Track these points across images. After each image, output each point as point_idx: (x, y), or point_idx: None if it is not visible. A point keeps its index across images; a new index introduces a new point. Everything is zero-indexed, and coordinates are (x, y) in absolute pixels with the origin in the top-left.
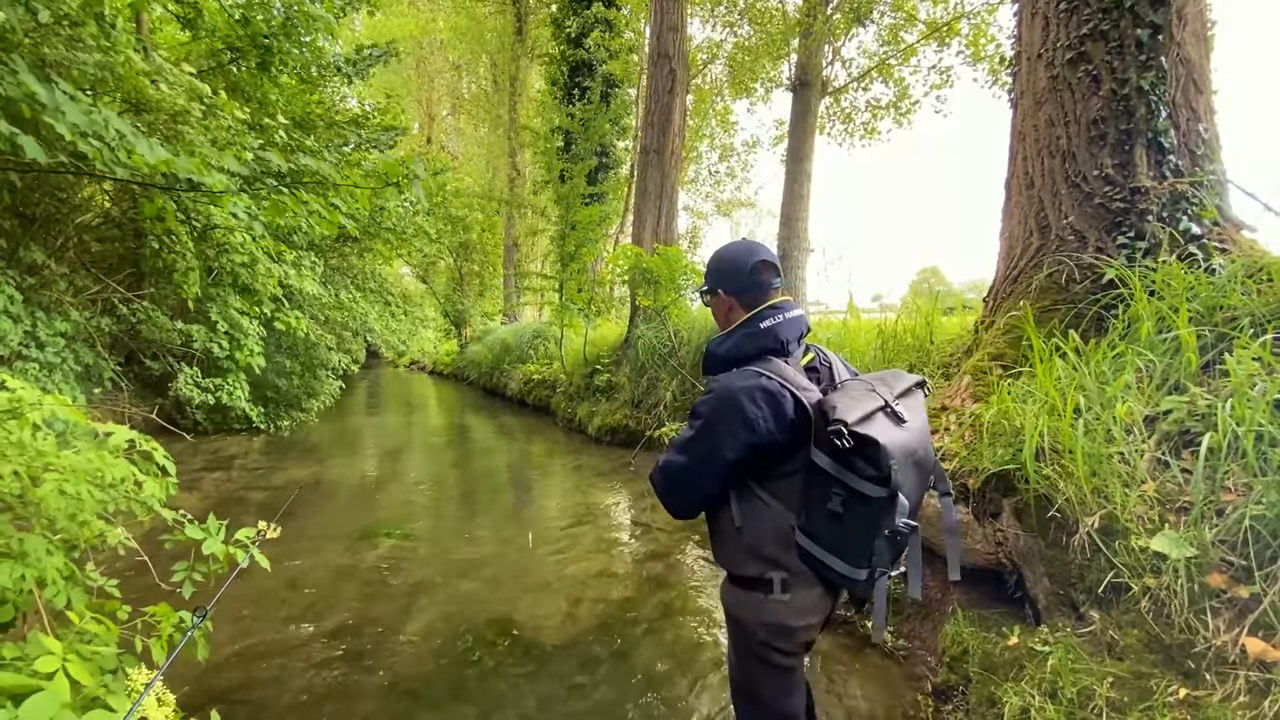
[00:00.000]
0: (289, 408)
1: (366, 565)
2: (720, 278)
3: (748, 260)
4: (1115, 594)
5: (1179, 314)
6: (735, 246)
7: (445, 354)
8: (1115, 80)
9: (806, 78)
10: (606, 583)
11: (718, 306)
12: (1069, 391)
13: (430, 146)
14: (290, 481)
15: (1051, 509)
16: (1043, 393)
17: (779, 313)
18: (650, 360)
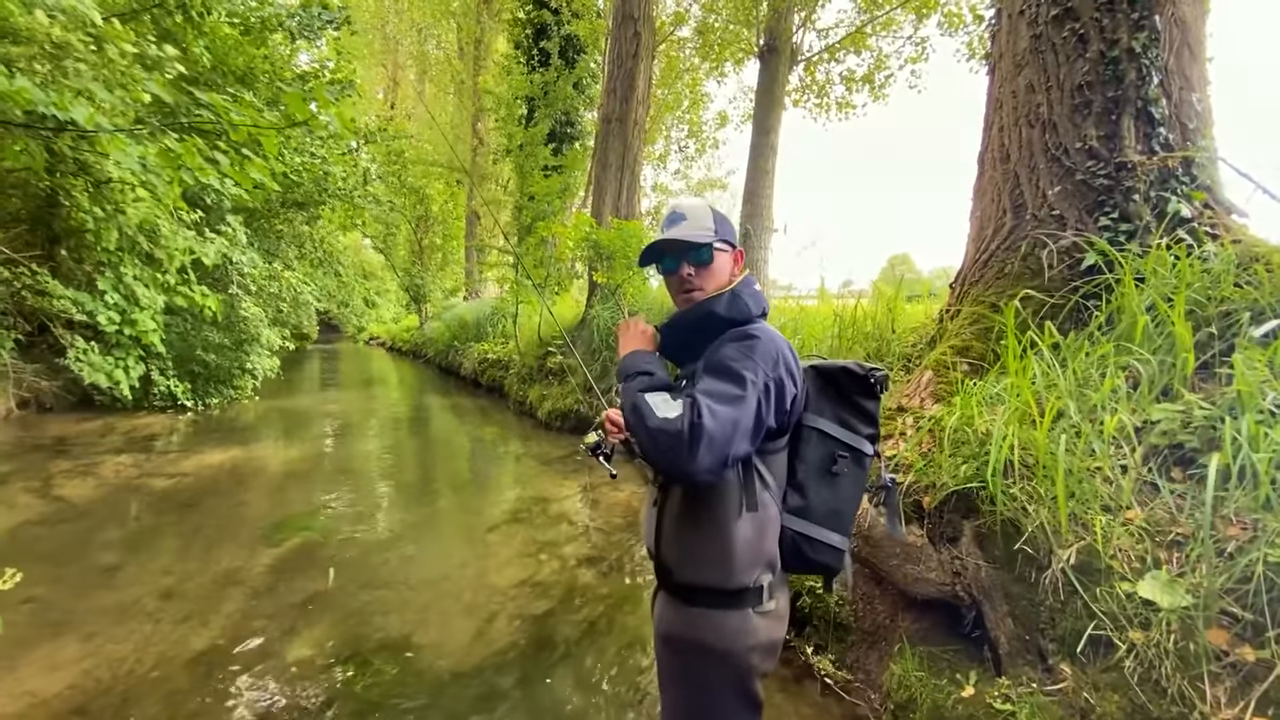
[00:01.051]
0: (219, 384)
1: (260, 570)
2: (731, 231)
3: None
4: (1093, 646)
5: (1174, 307)
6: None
7: (404, 330)
8: (1104, 41)
9: (775, 43)
10: (529, 595)
11: (724, 263)
12: (1047, 396)
13: (395, 113)
14: (204, 467)
15: (1020, 538)
16: (1015, 396)
17: (754, 281)
18: (605, 342)
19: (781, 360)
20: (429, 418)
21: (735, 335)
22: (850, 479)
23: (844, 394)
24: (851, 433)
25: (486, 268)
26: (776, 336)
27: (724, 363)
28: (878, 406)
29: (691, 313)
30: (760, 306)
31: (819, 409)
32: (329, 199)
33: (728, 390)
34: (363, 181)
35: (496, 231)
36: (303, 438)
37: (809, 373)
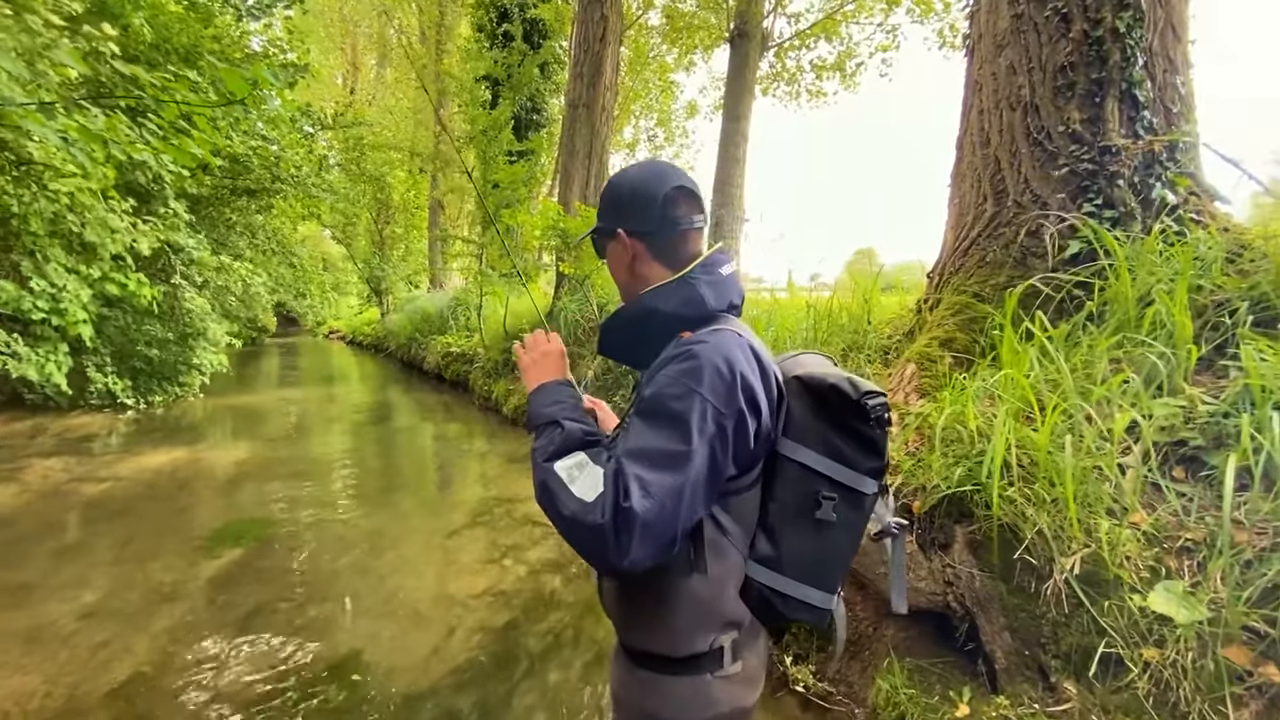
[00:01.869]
0: (163, 381)
1: (197, 584)
2: (618, 212)
3: (658, 187)
4: (1102, 664)
5: (1174, 296)
6: (640, 170)
7: (365, 323)
8: (1088, 20)
9: (745, 28)
10: (491, 605)
11: (616, 256)
12: (1046, 391)
13: (355, 99)
14: (142, 470)
15: (1019, 545)
16: (1011, 391)
17: (727, 260)
18: (573, 335)
19: (738, 382)
20: (389, 414)
21: (675, 351)
22: (841, 526)
23: (837, 416)
24: (844, 466)
25: (450, 257)
26: (729, 343)
27: (659, 402)
28: (885, 434)
29: (628, 310)
30: (724, 299)
31: (802, 433)
32: (282, 186)
33: (665, 447)
34: (318, 169)
35: (461, 220)
36: (253, 437)
37: (791, 385)
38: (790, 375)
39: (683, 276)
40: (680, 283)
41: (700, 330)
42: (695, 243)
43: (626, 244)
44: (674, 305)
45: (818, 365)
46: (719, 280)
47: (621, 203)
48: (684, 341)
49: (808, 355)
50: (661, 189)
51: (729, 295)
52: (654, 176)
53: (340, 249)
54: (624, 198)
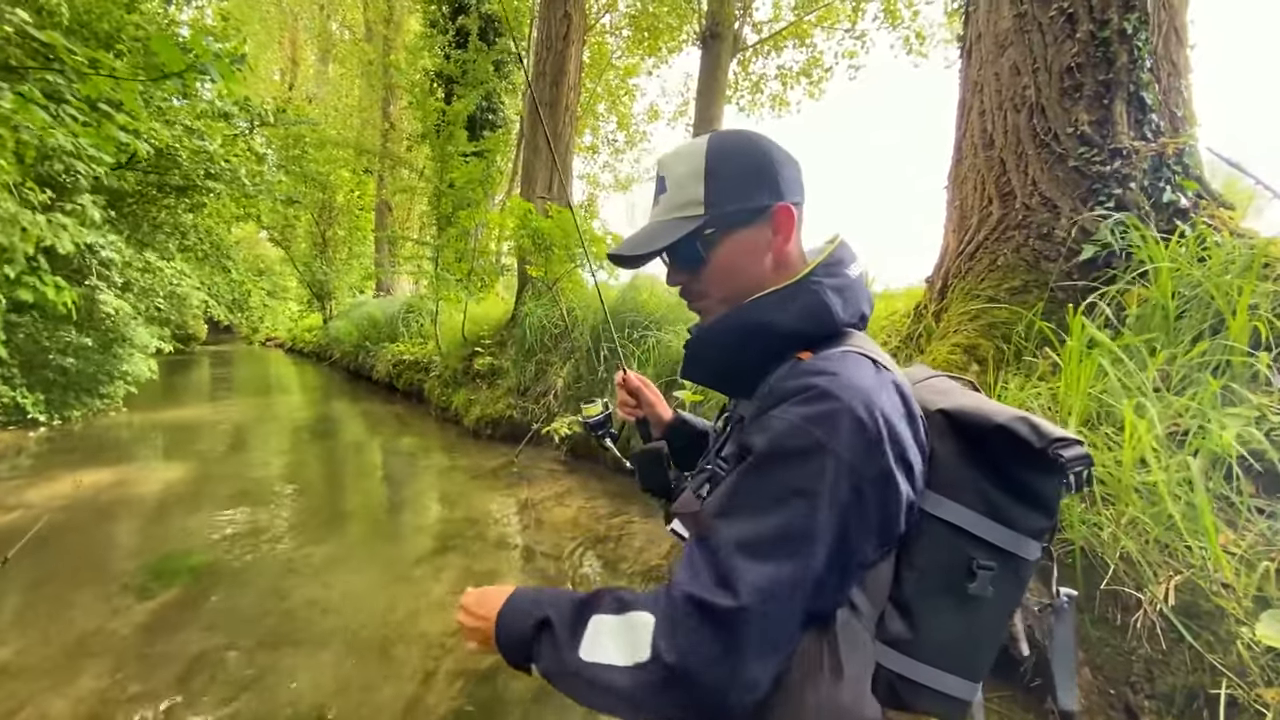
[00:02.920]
0: (81, 393)
1: (126, 633)
2: (769, 180)
3: (787, 156)
4: (1209, 706)
5: (1239, 302)
6: (747, 134)
7: (306, 329)
8: (1094, 21)
9: (718, 29)
10: None
11: (752, 246)
12: (1120, 402)
13: (293, 95)
14: (56, 496)
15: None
16: (1078, 398)
17: (851, 261)
18: (539, 342)
19: (885, 435)
20: (338, 428)
21: (797, 385)
22: (995, 600)
23: (1000, 463)
24: (1005, 527)
25: (401, 260)
26: (868, 376)
27: (776, 460)
28: (1059, 488)
29: (721, 325)
30: (854, 309)
31: (951, 484)
32: (214, 184)
33: (774, 526)
34: (255, 161)
35: (411, 222)
36: (185, 455)
37: (935, 422)
38: (933, 408)
39: (803, 279)
40: (799, 287)
41: (823, 350)
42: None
43: (791, 219)
44: (793, 318)
45: (965, 395)
46: (848, 284)
47: (769, 165)
48: (805, 368)
49: (942, 379)
50: (792, 160)
51: (859, 304)
52: (768, 143)
53: (279, 251)
54: (770, 158)
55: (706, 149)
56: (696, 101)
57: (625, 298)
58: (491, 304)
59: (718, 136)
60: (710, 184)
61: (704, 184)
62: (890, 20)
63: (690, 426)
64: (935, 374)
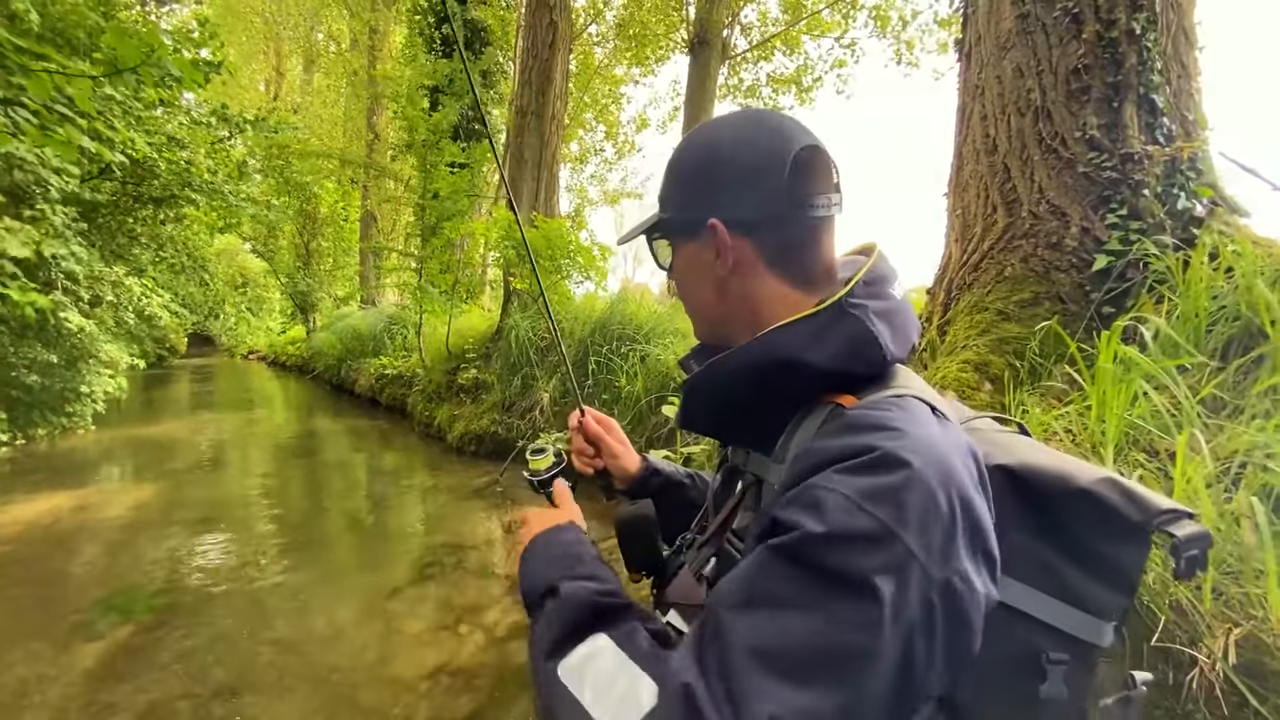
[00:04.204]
0: (46, 411)
1: (71, 679)
2: (708, 188)
3: (781, 147)
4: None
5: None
6: (743, 122)
7: (289, 342)
8: (1100, 21)
9: (706, 36)
10: (449, 687)
11: (695, 265)
12: (1157, 427)
13: (278, 105)
14: (11, 523)
15: (1150, 623)
16: (1110, 428)
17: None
18: (525, 355)
19: (958, 517)
20: (317, 446)
21: (845, 444)
22: (1067, 703)
23: (1077, 534)
24: (1080, 610)
25: (385, 272)
26: (935, 435)
27: (819, 542)
28: (1143, 559)
29: (731, 364)
30: (903, 341)
31: (1015, 559)
32: (193, 195)
33: (812, 638)
34: (237, 175)
35: (396, 233)
36: (154, 476)
37: (996, 482)
38: (991, 463)
39: (840, 302)
40: (836, 313)
41: (868, 394)
42: (829, 243)
43: (723, 244)
44: (831, 353)
45: (1027, 447)
46: (895, 308)
47: (716, 173)
48: (855, 420)
49: (987, 421)
50: (787, 149)
51: (908, 333)
52: (769, 130)
53: (261, 263)
54: (721, 164)
55: (684, 137)
56: (686, 108)
57: (614, 309)
58: (476, 316)
59: (704, 123)
60: (666, 180)
61: (664, 180)
62: (880, 26)
63: (665, 478)
64: (978, 414)
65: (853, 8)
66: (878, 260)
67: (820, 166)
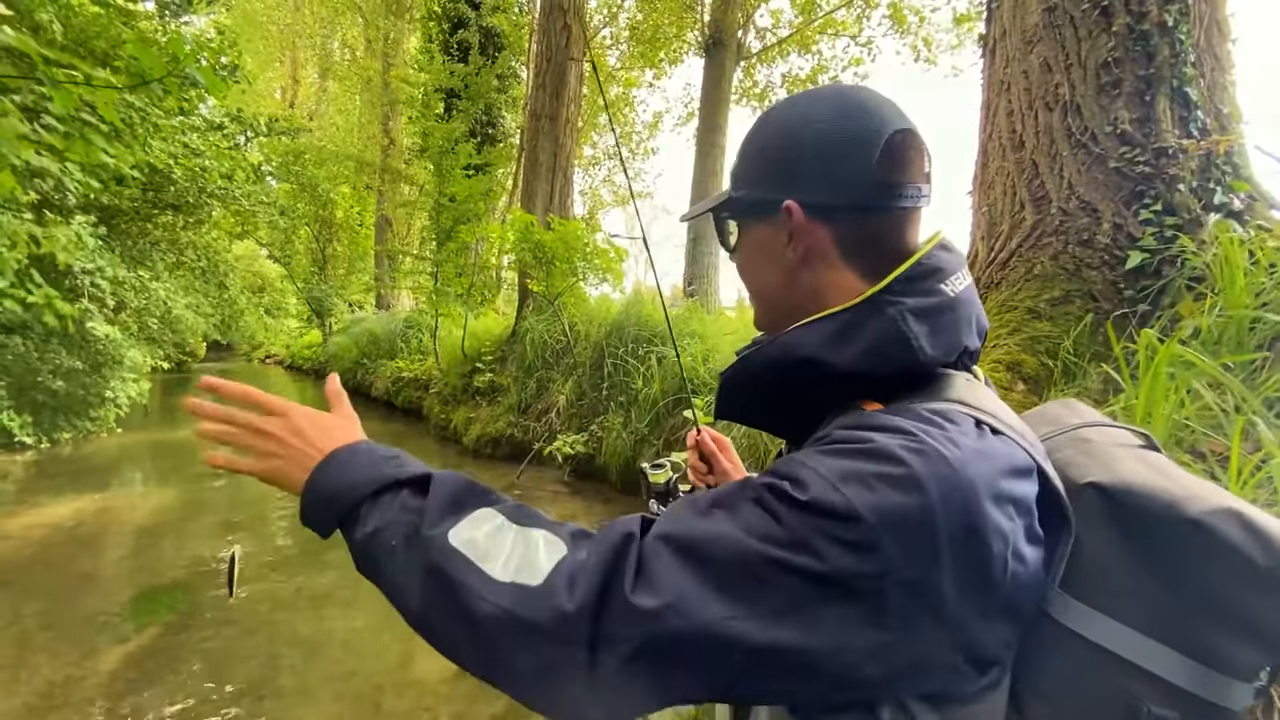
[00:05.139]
0: (70, 415)
1: (96, 681)
2: (789, 169)
3: (875, 128)
4: None
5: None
6: (828, 100)
7: (306, 346)
8: (1131, 13)
9: (721, 37)
10: (469, 690)
11: (765, 248)
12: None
13: (294, 112)
14: (37, 525)
15: None
16: (1157, 430)
17: (959, 264)
18: (540, 358)
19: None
20: None
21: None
22: None
23: (1192, 572)
24: (1195, 661)
25: (401, 276)
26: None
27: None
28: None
29: (758, 359)
30: (951, 341)
31: (1107, 592)
32: (209, 200)
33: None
34: (250, 179)
35: (411, 237)
36: (175, 479)
37: (1087, 501)
38: (1082, 480)
39: (873, 298)
40: (868, 309)
41: (903, 403)
42: (914, 237)
43: (797, 228)
44: (854, 355)
45: (1133, 461)
46: (942, 305)
47: (797, 151)
48: (865, 421)
49: (1099, 430)
50: (880, 131)
51: (958, 334)
52: (861, 109)
53: (278, 269)
54: (804, 142)
55: (766, 110)
56: (701, 110)
57: (629, 311)
58: (491, 319)
59: (791, 96)
60: (741, 156)
61: (739, 155)
62: (896, 25)
63: None
64: (1092, 420)
65: (868, 6)
66: (931, 251)
67: (914, 153)
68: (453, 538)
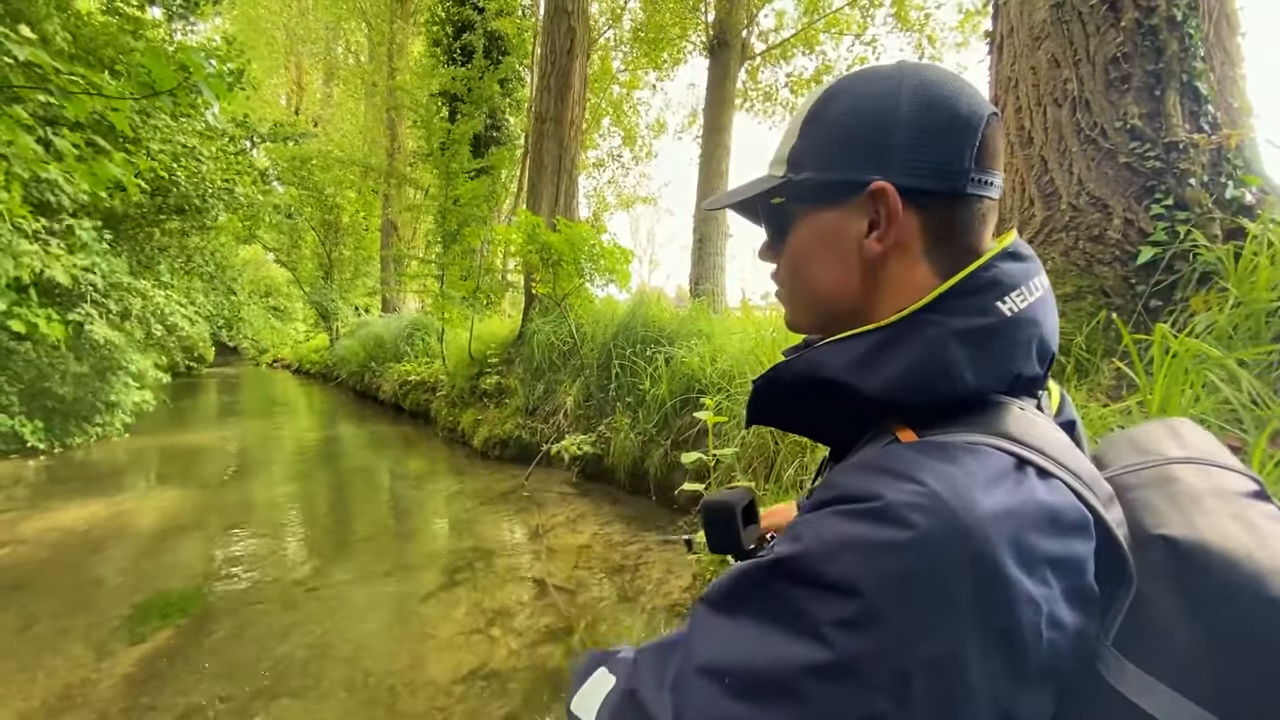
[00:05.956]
0: (80, 420)
1: (111, 683)
2: (886, 148)
3: (980, 111)
4: None
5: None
6: (925, 72)
7: (313, 350)
8: (1140, 9)
9: (726, 37)
10: (482, 691)
11: (833, 235)
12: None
13: (299, 118)
14: (49, 530)
15: None
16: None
17: (1029, 275)
18: (547, 360)
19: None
20: (343, 452)
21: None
22: None
23: (1267, 656)
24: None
25: (407, 279)
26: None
27: (788, 573)
28: None
29: (788, 374)
30: (999, 369)
31: (1173, 663)
32: (212, 203)
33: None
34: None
35: (416, 241)
36: (185, 483)
37: (1157, 554)
38: (1153, 531)
39: (914, 314)
40: (903, 328)
41: (935, 432)
42: (988, 232)
43: (893, 213)
44: (886, 379)
45: (1230, 520)
46: (996, 326)
47: (891, 127)
48: (882, 464)
49: (1196, 471)
50: (982, 112)
51: (1013, 360)
52: (955, 88)
53: (285, 273)
54: (900, 118)
55: (828, 85)
56: (705, 111)
57: (635, 312)
58: (498, 322)
59: (855, 72)
60: (800, 135)
61: (797, 135)
62: (901, 24)
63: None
64: (1196, 455)
65: (872, 4)
66: (992, 260)
67: (1002, 139)
68: (574, 705)
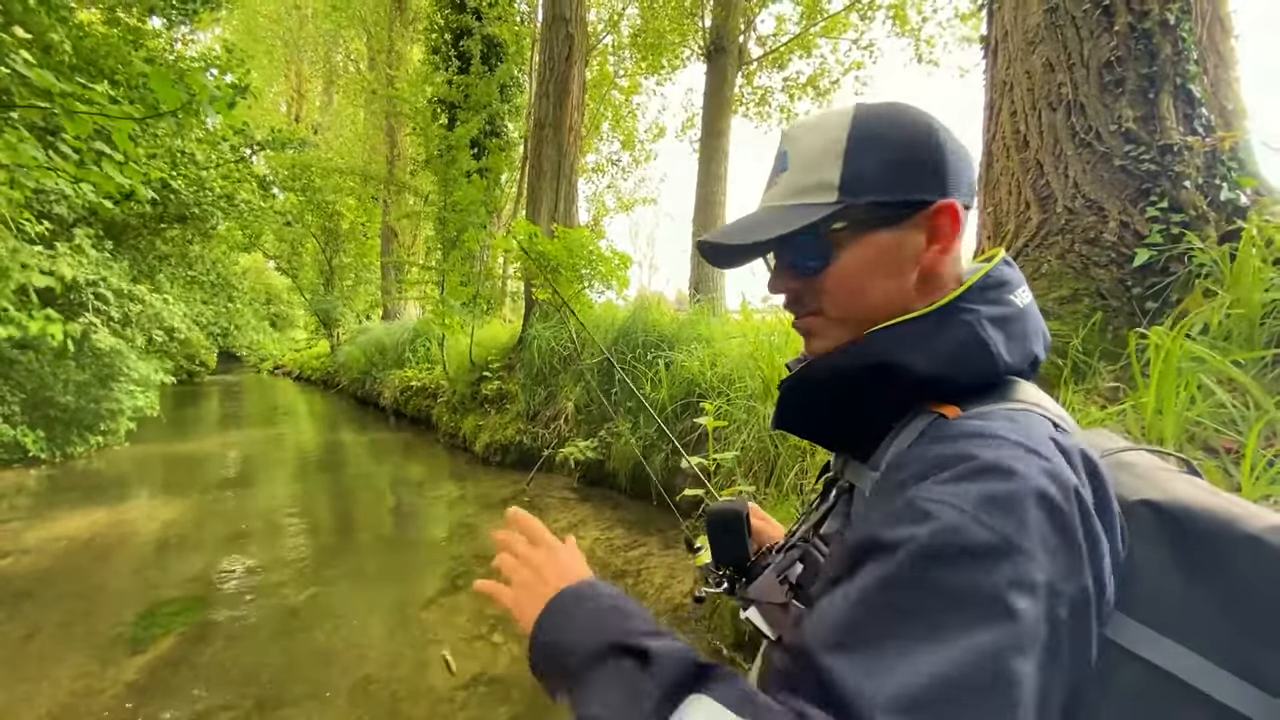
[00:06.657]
0: (83, 429)
1: (116, 693)
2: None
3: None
4: None
5: None
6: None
7: (314, 357)
8: (1133, 12)
9: (723, 43)
10: (485, 697)
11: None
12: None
13: (299, 126)
14: (52, 539)
15: None
16: (1168, 426)
17: (1021, 280)
18: (548, 365)
19: (1082, 529)
20: (344, 459)
21: (953, 454)
22: None
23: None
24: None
25: (407, 285)
26: (1047, 445)
27: (933, 559)
28: None
29: (831, 365)
30: (1021, 351)
31: (1165, 612)
32: (211, 210)
33: (948, 671)
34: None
35: (416, 247)
36: (188, 491)
37: (1140, 519)
38: (1134, 498)
39: (950, 305)
40: (946, 315)
41: (979, 406)
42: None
43: (956, 224)
44: (936, 359)
45: (1182, 482)
46: (1014, 314)
47: (940, 151)
48: (957, 429)
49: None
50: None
51: (1029, 343)
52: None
53: (285, 280)
54: (941, 143)
55: (852, 118)
56: (703, 115)
57: (635, 317)
58: (499, 327)
59: (867, 106)
60: (850, 163)
61: (842, 162)
62: (899, 26)
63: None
64: (1130, 445)
65: (870, 7)
66: (999, 265)
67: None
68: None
